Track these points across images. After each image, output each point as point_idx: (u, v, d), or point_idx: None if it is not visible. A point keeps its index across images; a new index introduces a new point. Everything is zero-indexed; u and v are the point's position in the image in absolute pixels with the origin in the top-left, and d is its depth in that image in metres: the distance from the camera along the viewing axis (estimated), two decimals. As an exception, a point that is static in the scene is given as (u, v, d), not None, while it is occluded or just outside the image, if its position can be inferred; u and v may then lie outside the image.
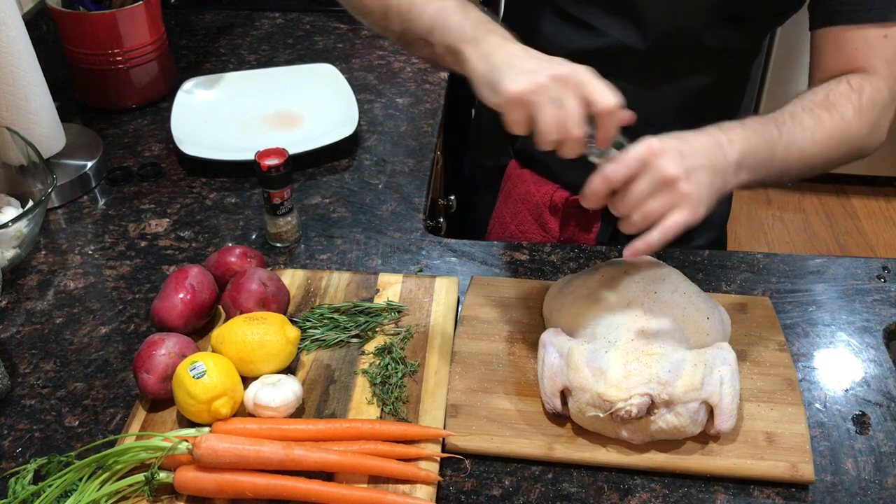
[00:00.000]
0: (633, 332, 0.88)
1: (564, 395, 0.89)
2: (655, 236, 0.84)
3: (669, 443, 0.88)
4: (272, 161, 1.11)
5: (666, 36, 1.08)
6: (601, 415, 0.85)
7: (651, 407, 0.84)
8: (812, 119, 0.98)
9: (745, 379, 0.95)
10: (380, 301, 1.07)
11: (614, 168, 0.84)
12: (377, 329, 1.03)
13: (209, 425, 0.88)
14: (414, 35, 0.97)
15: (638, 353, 0.86)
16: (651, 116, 1.11)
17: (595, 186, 0.86)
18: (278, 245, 1.19)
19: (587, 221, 1.26)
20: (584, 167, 1.14)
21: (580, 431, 0.90)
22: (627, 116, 0.85)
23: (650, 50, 1.09)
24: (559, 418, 0.91)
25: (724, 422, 0.86)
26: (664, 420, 0.85)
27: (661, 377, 0.84)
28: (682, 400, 0.84)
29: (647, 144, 0.84)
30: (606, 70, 0.96)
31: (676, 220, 0.84)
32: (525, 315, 1.05)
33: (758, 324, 1.03)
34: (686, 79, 1.14)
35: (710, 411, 0.87)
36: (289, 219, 1.17)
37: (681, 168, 0.84)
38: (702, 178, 0.86)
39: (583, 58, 1.10)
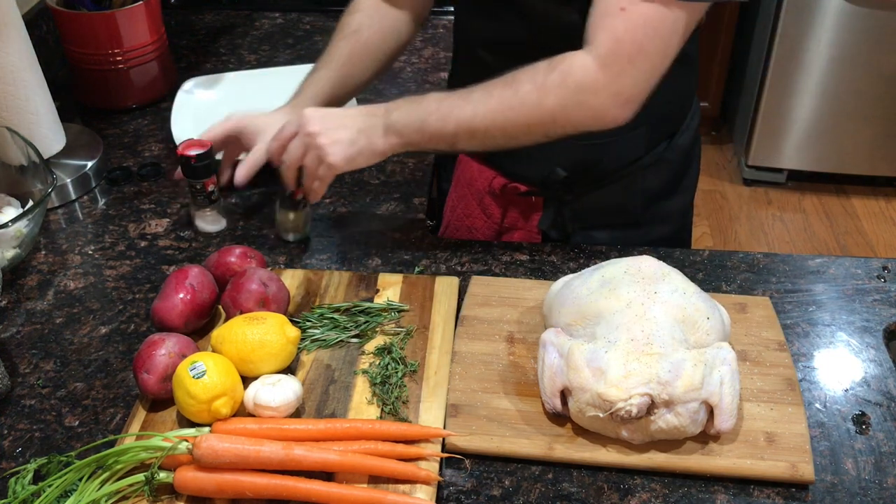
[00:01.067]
0: (632, 332, 0.88)
1: (564, 395, 0.89)
2: (320, 183, 1.09)
3: (669, 443, 0.88)
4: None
5: (546, 30, 1.09)
6: (601, 415, 0.85)
7: (651, 407, 0.84)
8: (482, 94, 1.03)
9: (745, 379, 0.95)
10: (380, 301, 1.07)
11: (282, 129, 1.11)
12: (377, 329, 1.03)
13: (209, 425, 0.88)
14: None
15: (638, 353, 0.86)
16: None
17: (271, 147, 1.13)
18: (290, 238, 1.20)
19: (528, 209, 1.27)
20: (519, 156, 1.19)
21: (580, 431, 0.90)
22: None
23: (535, 43, 1.08)
24: (559, 418, 0.91)
25: (724, 422, 0.86)
26: (664, 420, 0.85)
27: (661, 377, 0.84)
28: (682, 400, 0.84)
29: (300, 112, 1.09)
30: (511, 60, 1.04)
31: (324, 172, 1.08)
32: (525, 315, 1.05)
33: (758, 324, 1.03)
34: None
35: (710, 411, 0.87)
36: (307, 210, 1.19)
37: (320, 127, 1.06)
38: (341, 135, 1.06)
39: (493, 46, 1.17)
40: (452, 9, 1.87)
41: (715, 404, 0.86)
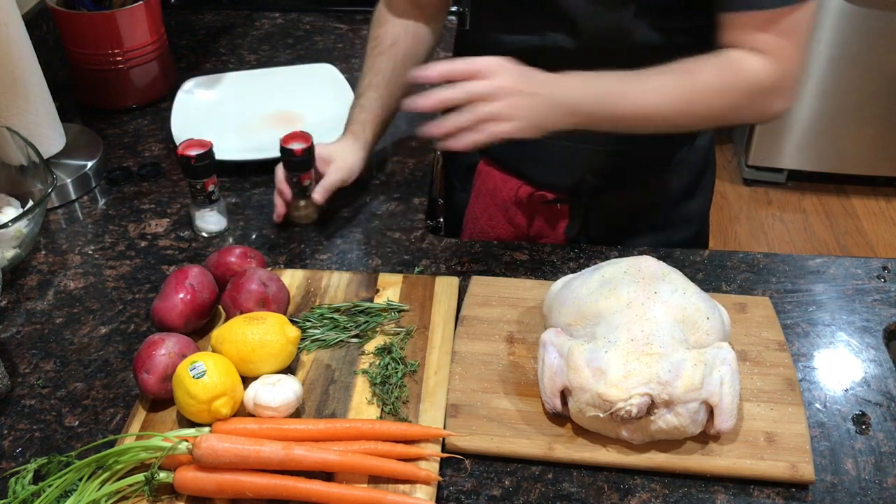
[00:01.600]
0: (632, 332, 0.88)
1: (564, 395, 0.89)
2: (483, 137, 0.97)
3: (669, 443, 0.88)
4: (298, 145, 1.16)
5: (595, 36, 1.09)
6: (601, 415, 0.85)
7: (651, 407, 0.84)
8: (662, 81, 1.04)
9: (745, 379, 0.95)
10: (380, 301, 1.07)
11: (475, 60, 0.98)
12: (377, 329, 1.03)
13: (209, 425, 0.88)
14: None
15: (638, 353, 0.86)
16: None
17: (455, 67, 0.98)
18: (301, 224, 1.23)
19: (554, 217, 1.27)
20: (547, 164, 1.21)
21: (580, 431, 0.90)
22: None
23: (582, 50, 1.10)
24: (559, 418, 0.91)
25: (724, 422, 0.86)
26: (664, 420, 0.85)
27: (661, 377, 0.84)
28: (682, 400, 0.84)
29: (499, 60, 0.98)
30: (548, 68, 1.03)
31: (502, 129, 0.97)
32: (525, 315, 1.05)
33: (758, 324, 1.03)
34: None
35: (710, 411, 0.87)
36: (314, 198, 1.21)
37: (516, 87, 0.97)
38: (532, 103, 0.98)
39: (525, 56, 1.13)
40: (454, 9, 1.87)
41: (715, 404, 0.86)
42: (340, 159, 1.21)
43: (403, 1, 1.26)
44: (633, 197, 1.25)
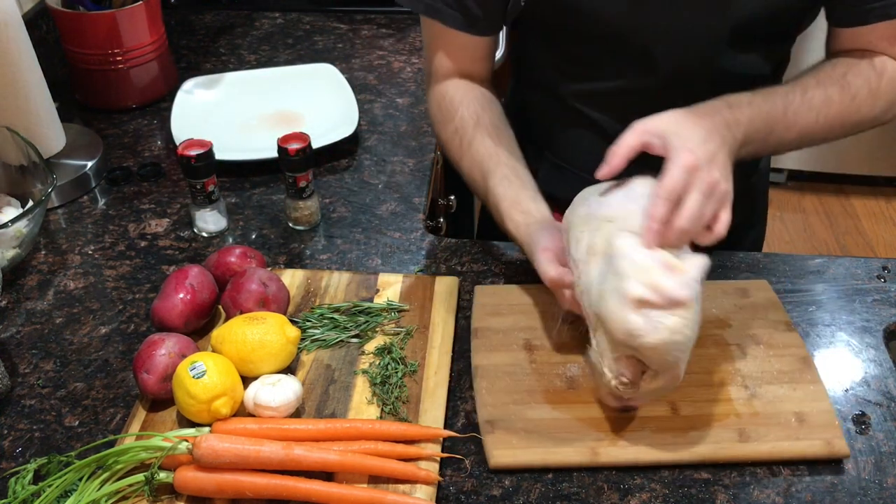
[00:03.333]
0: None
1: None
2: (714, 239, 0.88)
3: (708, 435, 0.88)
4: (294, 145, 1.16)
5: (677, 72, 1.06)
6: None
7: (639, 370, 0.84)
8: (822, 97, 1.00)
9: (764, 362, 0.97)
10: (380, 301, 1.07)
11: (669, 187, 0.85)
12: (377, 329, 1.03)
13: (209, 425, 0.88)
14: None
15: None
16: None
17: (659, 210, 0.85)
18: (300, 228, 1.23)
19: None
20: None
21: (621, 432, 0.89)
22: None
23: (663, 87, 1.07)
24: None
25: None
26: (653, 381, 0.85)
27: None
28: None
29: (685, 160, 0.85)
30: (620, 110, 1.01)
31: (727, 219, 0.87)
32: (537, 320, 1.03)
33: (763, 307, 1.04)
34: None
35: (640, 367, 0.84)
36: (311, 202, 1.21)
37: (721, 172, 0.87)
38: (728, 167, 0.89)
39: (594, 99, 1.12)
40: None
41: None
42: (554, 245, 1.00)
43: (457, 78, 1.15)
44: None
